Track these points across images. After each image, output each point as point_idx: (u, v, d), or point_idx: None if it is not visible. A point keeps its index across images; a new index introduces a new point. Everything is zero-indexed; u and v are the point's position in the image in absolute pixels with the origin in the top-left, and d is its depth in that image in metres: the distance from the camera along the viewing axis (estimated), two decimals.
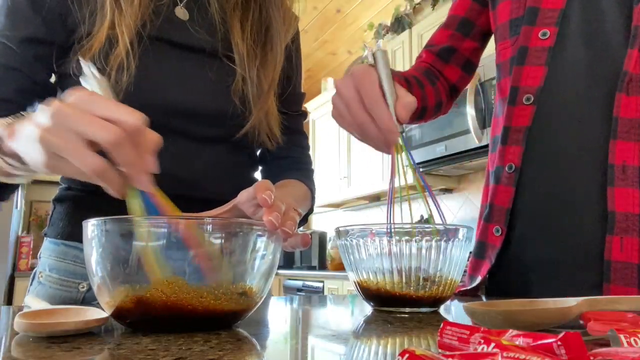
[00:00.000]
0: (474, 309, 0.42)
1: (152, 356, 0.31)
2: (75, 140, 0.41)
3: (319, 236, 4.18)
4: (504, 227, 0.75)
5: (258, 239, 0.43)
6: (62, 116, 0.41)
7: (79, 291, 0.70)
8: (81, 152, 0.41)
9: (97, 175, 0.41)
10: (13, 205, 3.38)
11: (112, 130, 0.40)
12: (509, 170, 0.75)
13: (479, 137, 2.51)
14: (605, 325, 0.35)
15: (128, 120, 0.41)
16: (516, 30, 0.78)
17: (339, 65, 4.69)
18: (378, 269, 0.55)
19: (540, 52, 0.74)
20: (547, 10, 0.75)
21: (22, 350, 0.34)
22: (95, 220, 0.41)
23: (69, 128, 0.40)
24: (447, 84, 0.91)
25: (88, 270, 0.42)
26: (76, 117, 0.40)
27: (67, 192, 0.75)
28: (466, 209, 3.25)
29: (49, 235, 0.75)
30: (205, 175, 0.76)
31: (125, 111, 0.41)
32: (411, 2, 3.37)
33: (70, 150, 0.41)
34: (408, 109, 0.64)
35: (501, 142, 0.77)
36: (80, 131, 0.40)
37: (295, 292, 3.78)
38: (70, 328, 0.38)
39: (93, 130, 0.40)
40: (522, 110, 0.74)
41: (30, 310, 0.44)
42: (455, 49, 0.91)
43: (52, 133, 0.41)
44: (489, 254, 0.78)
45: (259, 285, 0.44)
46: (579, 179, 0.70)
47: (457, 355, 0.23)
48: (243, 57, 0.77)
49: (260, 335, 0.43)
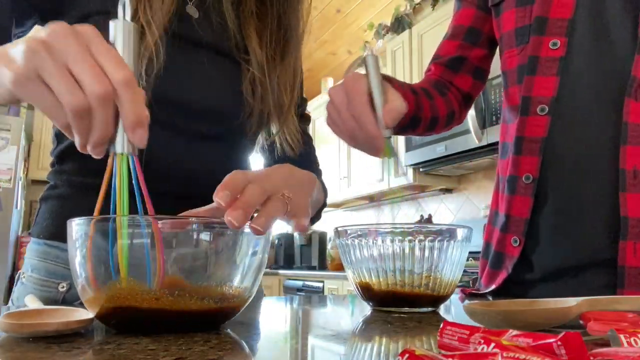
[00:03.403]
0: (474, 309, 0.42)
1: (152, 356, 0.31)
2: (64, 68, 0.37)
3: (319, 236, 4.18)
4: (522, 237, 0.75)
5: (244, 237, 0.42)
6: (62, 39, 0.38)
7: (59, 291, 0.69)
8: (66, 81, 0.37)
9: (75, 115, 0.38)
10: (13, 205, 3.38)
11: (104, 82, 0.37)
12: (526, 181, 0.75)
13: (479, 137, 2.51)
14: (605, 325, 0.35)
15: (119, 73, 0.38)
16: (522, 39, 0.78)
17: (339, 65, 4.69)
18: (378, 269, 0.55)
19: (552, 62, 0.74)
20: (555, 20, 0.75)
21: (21, 350, 0.34)
22: (79, 219, 0.40)
23: (64, 56, 0.37)
24: (459, 93, 0.91)
25: (72, 270, 0.41)
26: (75, 49, 0.37)
27: (52, 191, 0.74)
28: (466, 209, 3.25)
29: (33, 234, 0.74)
30: (206, 172, 0.76)
31: (119, 64, 0.39)
32: (411, 2, 3.37)
33: (55, 74, 0.37)
34: (394, 114, 0.65)
35: (515, 152, 0.77)
36: (72, 67, 0.37)
37: (295, 292, 3.78)
38: (52, 329, 0.37)
39: (83, 74, 0.37)
40: (537, 120, 0.74)
41: (17, 310, 0.43)
42: (464, 58, 0.90)
43: (46, 46, 0.37)
44: (506, 264, 0.77)
45: (247, 284, 0.43)
46: (593, 186, 0.70)
47: (457, 355, 0.23)
48: (262, 65, 0.77)
49: (260, 335, 0.43)
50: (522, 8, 0.79)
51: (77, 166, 0.72)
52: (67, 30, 0.38)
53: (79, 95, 0.37)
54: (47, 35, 0.38)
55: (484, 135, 2.51)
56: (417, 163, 3.04)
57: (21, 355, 0.32)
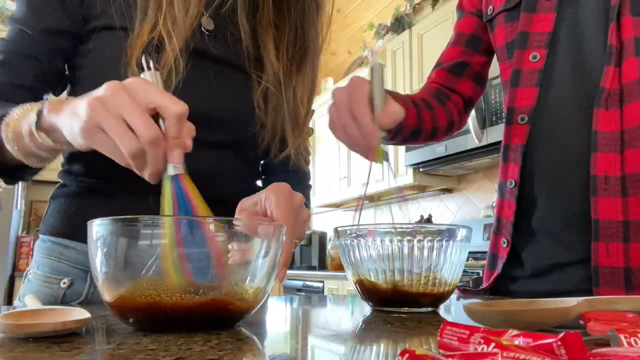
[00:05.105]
0: (474, 309, 0.42)
1: (152, 356, 0.31)
2: (120, 120, 0.45)
3: (319, 236, 4.18)
4: (509, 238, 0.80)
5: (263, 240, 0.43)
6: (115, 94, 0.45)
7: (60, 287, 0.70)
8: (123, 131, 0.45)
9: (132, 157, 0.45)
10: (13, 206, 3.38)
11: (152, 128, 0.45)
12: (509, 186, 0.80)
13: (479, 137, 2.51)
14: (605, 325, 0.35)
15: (173, 107, 0.46)
16: (511, 53, 0.82)
17: (339, 65, 4.69)
18: (378, 269, 0.55)
19: (532, 74, 0.78)
20: (536, 34, 0.78)
21: (21, 350, 0.34)
22: (101, 220, 0.41)
23: (118, 110, 0.45)
24: (460, 99, 0.94)
25: (92, 268, 0.42)
26: (126, 102, 0.45)
27: (61, 190, 0.75)
28: (466, 209, 3.25)
29: (40, 231, 0.75)
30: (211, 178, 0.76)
31: (170, 99, 0.46)
32: (411, 2, 3.37)
33: (114, 126, 0.45)
34: (391, 116, 0.68)
35: (502, 159, 0.83)
36: (126, 117, 0.45)
37: (295, 292, 3.78)
38: (48, 329, 0.37)
39: (135, 124, 0.45)
40: (518, 129, 0.79)
41: (15, 310, 0.44)
42: (467, 64, 0.93)
43: (103, 103, 0.45)
44: (498, 265, 0.82)
45: (262, 284, 0.44)
46: (568, 191, 0.73)
47: (457, 355, 0.23)
48: (279, 76, 0.77)
49: (260, 335, 0.43)
50: (510, 24, 0.83)
51: (85, 168, 0.73)
52: (119, 86, 0.46)
53: (133, 142, 0.45)
54: (103, 92, 0.46)
55: (484, 135, 2.51)
56: (417, 163, 3.04)
57: (21, 355, 0.32)
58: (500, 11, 0.84)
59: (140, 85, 0.47)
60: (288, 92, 0.78)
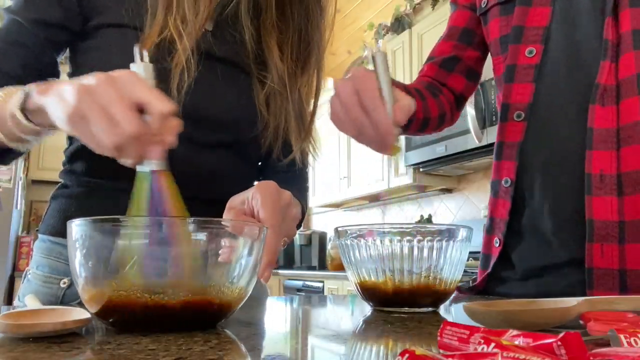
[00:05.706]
0: (474, 309, 0.42)
1: (152, 356, 0.31)
2: (105, 113, 0.45)
3: (319, 236, 4.18)
4: (502, 238, 0.78)
5: (244, 239, 0.43)
6: (102, 86, 0.45)
7: (60, 287, 0.70)
8: (106, 124, 0.45)
9: (113, 149, 0.46)
10: (13, 206, 3.38)
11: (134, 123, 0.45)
12: (505, 185, 0.78)
13: (479, 137, 2.51)
14: (605, 325, 0.35)
15: (158, 105, 0.46)
16: (505, 47, 0.80)
17: (338, 65, 4.69)
18: (378, 269, 0.55)
19: (528, 70, 0.76)
20: (531, 29, 0.77)
21: (21, 350, 0.34)
22: (79, 220, 0.41)
23: (104, 102, 0.45)
24: (451, 94, 0.91)
25: (72, 269, 0.42)
26: (112, 95, 0.45)
27: (61, 190, 0.75)
28: (466, 209, 3.25)
29: (40, 231, 0.75)
30: (210, 178, 0.76)
31: (157, 97, 0.46)
32: (411, 2, 3.37)
33: (98, 119, 0.45)
34: (405, 112, 0.66)
35: (496, 156, 0.80)
36: (110, 111, 0.45)
37: (295, 292, 3.78)
38: (48, 329, 0.37)
39: (119, 118, 0.45)
40: (514, 126, 0.77)
41: (15, 310, 0.44)
42: (458, 58, 0.91)
43: (91, 94, 0.45)
44: (490, 265, 0.80)
45: (243, 284, 0.44)
46: (563, 190, 0.72)
47: (457, 355, 0.23)
48: (283, 77, 0.77)
49: (260, 336, 0.43)
50: (505, 17, 0.81)
51: (86, 167, 0.73)
52: (108, 78, 0.46)
53: (115, 137, 0.45)
54: (91, 83, 0.46)
55: (484, 135, 2.51)
56: (417, 163, 3.04)
57: (21, 355, 0.32)
58: (495, 4, 0.83)
59: (129, 79, 0.47)
60: (294, 93, 0.78)
